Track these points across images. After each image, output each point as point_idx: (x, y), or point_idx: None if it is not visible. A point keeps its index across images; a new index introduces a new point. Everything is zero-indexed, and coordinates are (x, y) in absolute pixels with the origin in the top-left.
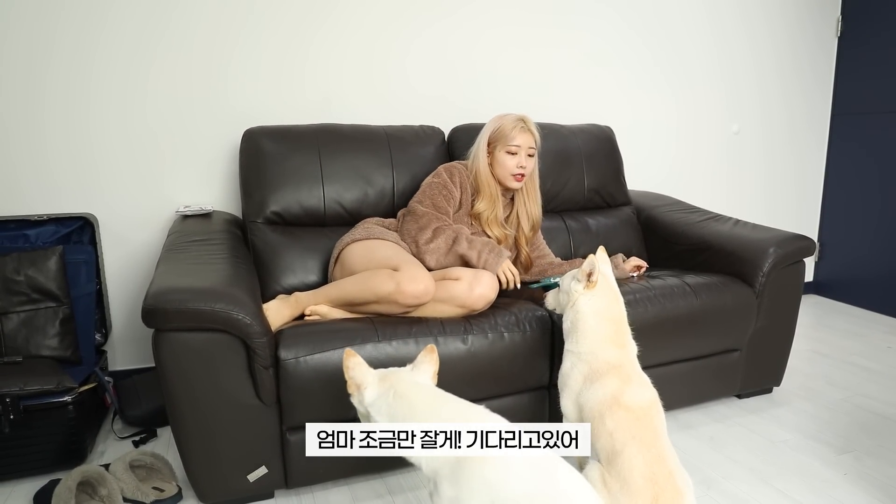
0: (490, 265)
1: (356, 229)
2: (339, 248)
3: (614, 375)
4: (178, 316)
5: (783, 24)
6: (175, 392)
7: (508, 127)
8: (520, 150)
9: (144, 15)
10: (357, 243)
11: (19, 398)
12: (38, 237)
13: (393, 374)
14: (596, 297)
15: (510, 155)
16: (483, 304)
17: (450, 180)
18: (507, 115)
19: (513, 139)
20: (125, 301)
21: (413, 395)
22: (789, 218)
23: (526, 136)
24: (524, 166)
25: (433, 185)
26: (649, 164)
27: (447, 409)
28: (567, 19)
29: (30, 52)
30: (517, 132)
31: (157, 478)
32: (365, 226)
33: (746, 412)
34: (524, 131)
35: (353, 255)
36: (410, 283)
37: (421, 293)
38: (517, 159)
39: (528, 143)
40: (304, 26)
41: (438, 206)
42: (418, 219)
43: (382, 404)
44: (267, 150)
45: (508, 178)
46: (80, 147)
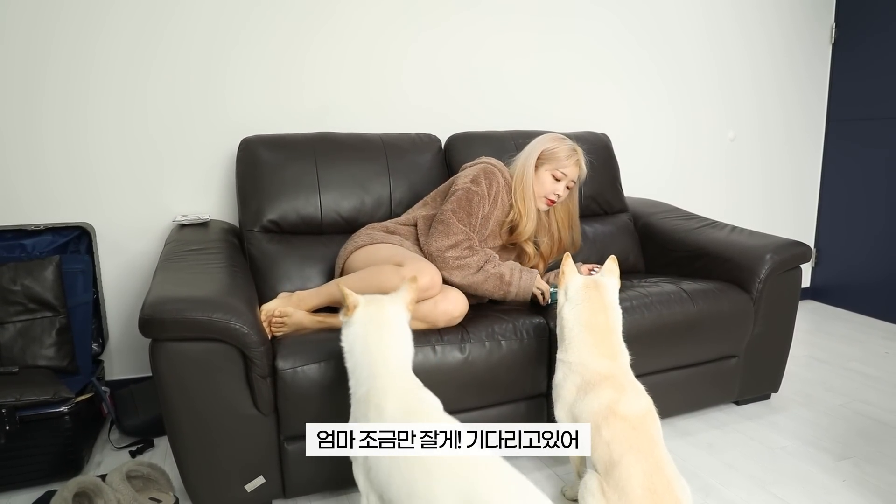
0: (525, 282)
1: (359, 236)
2: (343, 258)
3: (608, 386)
4: (175, 325)
5: (779, 31)
6: (172, 402)
7: (563, 153)
8: (564, 179)
9: (141, 23)
10: (360, 250)
11: (15, 408)
12: (35, 247)
13: (375, 302)
14: (579, 306)
15: (553, 179)
16: (446, 320)
17: (487, 193)
18: (564, 140)
19: (563, 166)
20: (122, 310)
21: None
22: (786, 224)
23: (575, 169)
24: (559, 195)
25: (471, 193)
26: (646, 171)
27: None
28: (564, 26)
29: (26, 60)
30: (570, 162)
31: (154, 488)
32: (367, 231)
33: (744, 419)
34: (576, 164)
35: (357, 262)
36: (416, 275)
37: (427, 285)
38: (558, 186)
39: (573, 175)
40: (301, 35)
41: (472, 222)
42: (450, 235)
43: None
44: (264, 158)
45: (541, 199)
46: (76, 156)
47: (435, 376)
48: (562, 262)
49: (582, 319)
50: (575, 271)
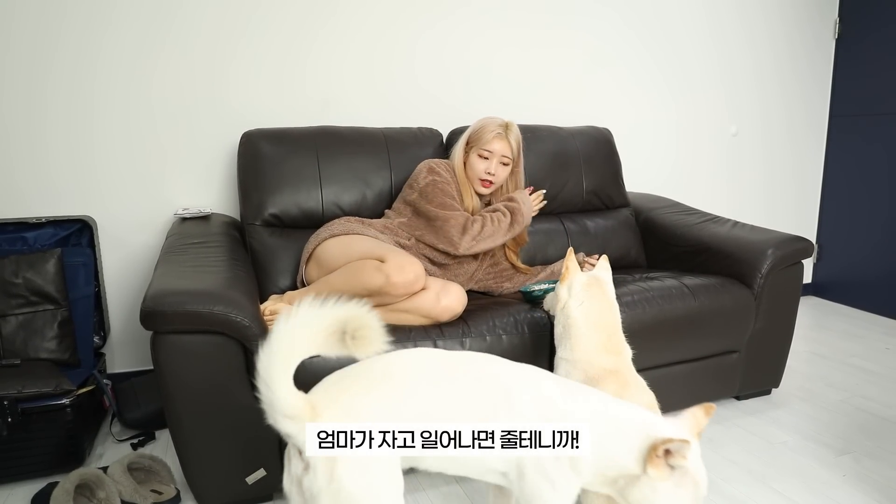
0: (526, 213)
1: (333, 224)
2: (314, 244)
3: (612, 381)
4: (176, 318)
5: (781, 26)
6: (173, 394)
7: (487, 130)
8: (492, 157)
9: (146, 18)
10: (334, 239)
11: (17, 401)
12: (37, 240)
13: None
14: (585, 304)
15: (481, 159)
16: (449, 316)
17: (447, 178)
18: (493, 119)
19: (486, 143)
20: (124, 303)
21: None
22: (788, 219)
23: (502, 143)
24: (492, 173)
25: (435, 182)
26: (648, 165)
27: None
28: (566, 21)
29: (32, 53)
30: (493, 137)
31: (155, 480)
32: (342, 221)
33: (745, 414)
34: (500, 138)
35: (329, 250)
36: (399, 273)
37: (411, 282)
38: (486, 164)
39: (502, 150)
40: (304, 29)
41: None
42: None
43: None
44: (265, 152)
45: (476, 182)
46: (78, 150)
47: None
48: (566, 258)
49: (591, 318)
50: (579, 268)
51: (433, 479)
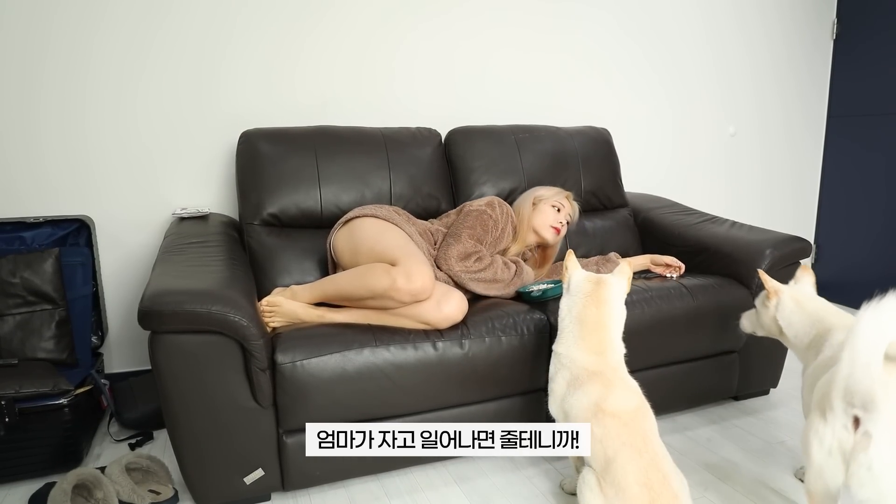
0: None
1: (381, 207)
2: (356, 213)
3: (596, 382)
4: (174, 318)
5: (779, 26)
6: (171, 394)
7: (557, 191)
8: (563, 210)
9: (139, 17)
10: (375, 219)
11: (15, 400)
12: (35, 239)
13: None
14: (573, 298)
15: (553, 209)
16: (448, 324)
17: (499, 218)
18: (554, 187)
19: (557, 200)
20: (121, 303)
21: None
22: (786, 220)
23: (570, 204)
24: (562, 223)
25: (486, 216)
26: (646, 166)
27: None
28: (565, 21)
29: (25, 53)
30: (561, 196)
31: (153, 480)
32: (389, 209)
33: (743, 414)
34: (570, 200)
35: (364, 228)
36: (406, 280)
37: (418, 290)
38: (559, 215)
39: (569, 210)
40: (300, 27)
41: (485, 240)
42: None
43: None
44: (264, 151)
45: (546, 228)
46: (76, 149)
47: (435, 372)
48: (565, 258)
49: (574, 311)
50: (578, 266)
51: (433, 479)
